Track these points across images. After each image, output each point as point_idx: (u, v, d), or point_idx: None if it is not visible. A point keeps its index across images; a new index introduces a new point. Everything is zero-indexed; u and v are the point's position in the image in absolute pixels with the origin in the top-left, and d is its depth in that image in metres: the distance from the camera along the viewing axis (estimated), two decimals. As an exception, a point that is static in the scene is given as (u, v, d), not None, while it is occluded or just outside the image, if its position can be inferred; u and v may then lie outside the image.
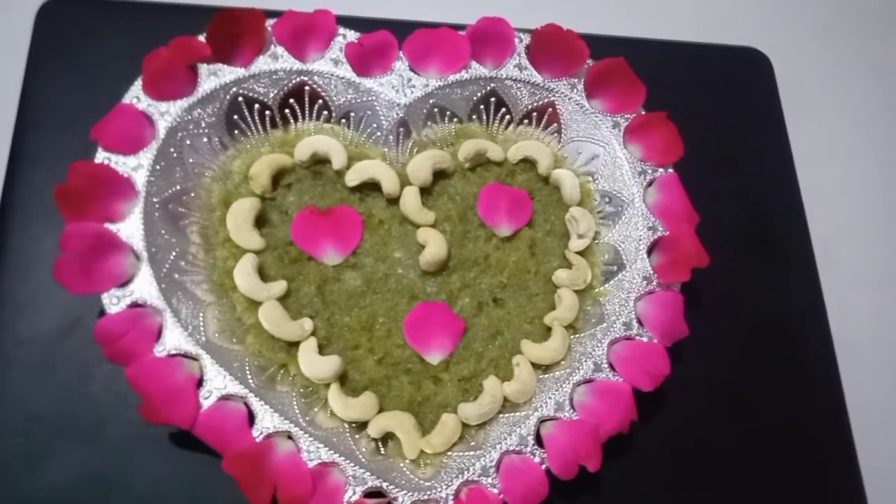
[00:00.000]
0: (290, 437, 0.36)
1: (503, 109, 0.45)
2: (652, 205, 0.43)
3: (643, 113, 0.45)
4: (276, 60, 0.42)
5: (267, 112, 0.43)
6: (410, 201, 0.43)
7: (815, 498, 0.44)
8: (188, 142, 0.40)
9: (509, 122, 0.46)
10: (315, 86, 0.43)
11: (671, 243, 0.42)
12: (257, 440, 0.35)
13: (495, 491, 0.36)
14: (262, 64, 0.42)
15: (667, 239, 0.43)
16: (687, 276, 0.41)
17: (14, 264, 0.41)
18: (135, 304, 0.36)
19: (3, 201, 0.42)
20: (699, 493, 0.43)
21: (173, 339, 0.36)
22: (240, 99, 0.42)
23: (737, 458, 0.44)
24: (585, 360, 0.40)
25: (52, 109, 0.44)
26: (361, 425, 0.39)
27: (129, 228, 0.38)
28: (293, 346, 0.39)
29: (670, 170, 0.44)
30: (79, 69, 0.46)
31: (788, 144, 0.52)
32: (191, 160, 0.41)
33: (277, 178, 0.43)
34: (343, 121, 0.44)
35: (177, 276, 0.38)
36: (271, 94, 0.42)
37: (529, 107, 0.45)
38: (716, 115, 0.52)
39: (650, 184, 0.44)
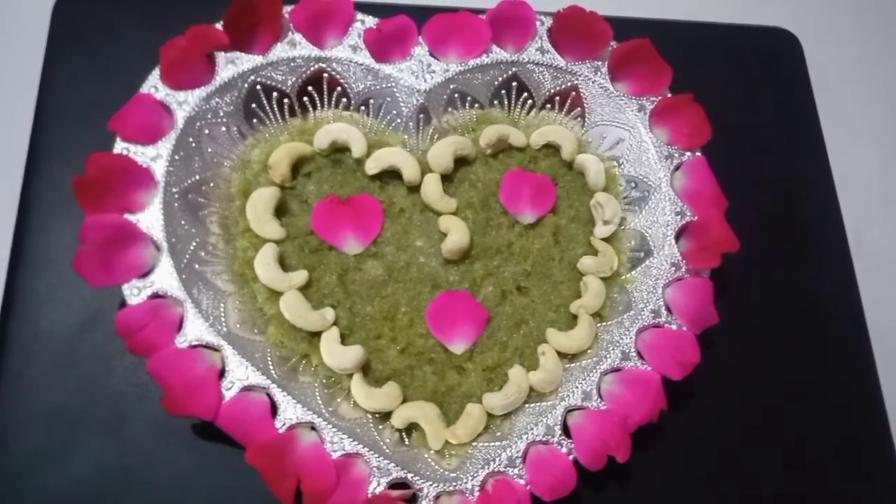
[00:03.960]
0: (313, 429, 0.36)
1: (525, 94, 0.45)
2: (679, 189, 0.42)
3: (669, 95, 0.44)
4: (294, 47, 0.41)
5: (285, 100, 0.42)
6: (432, 189, 0.42)
7: (851, 489, 0.42)
8: (207, 131, 0.40)
9: (531, 107, 0.45)
10: (333, 73, 0.42)
11: (700, 228, 0.41)
12: (280, 431, 0.35)
13: (522, 482, 0.36)
14: (279, 51, 0.41)
15: (695, 224, 0.41)
16: (717, 261, 0.40)
17: (34, 257, 0.41)
18: (155, 295, 0.36)
19: (22, 194, 0.42)
20: (730, 483, 0.42)
21: (194, 329, 0.36)
22: (258, 87, 0.41)
23: (769, 447, 0.42)
24: (613, 349, 0.39)
25: (70, 102, 0.44)
26: (385, 416, 0.38)
27: (149, 219, 0.37)
28: (315, 336, 0.39)
29: (698, 153, 0.43)
30: (96, 61, 0.45)
31: (819, 126, 0.51)
32: (209, 150, 0.40)
33: (297, 166, 0.42)
34: (362, 108, 0.43)
35: (197, 266, 0.38)
36: (289, 82, 0.42)
37: (552, 91, 0.44)
38: (744, 98, 0.51)
39: (677, 168, 0.43)
